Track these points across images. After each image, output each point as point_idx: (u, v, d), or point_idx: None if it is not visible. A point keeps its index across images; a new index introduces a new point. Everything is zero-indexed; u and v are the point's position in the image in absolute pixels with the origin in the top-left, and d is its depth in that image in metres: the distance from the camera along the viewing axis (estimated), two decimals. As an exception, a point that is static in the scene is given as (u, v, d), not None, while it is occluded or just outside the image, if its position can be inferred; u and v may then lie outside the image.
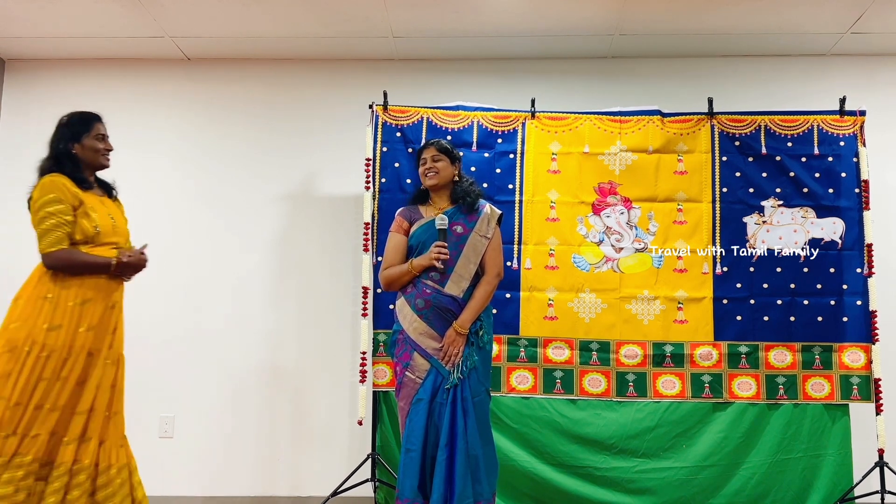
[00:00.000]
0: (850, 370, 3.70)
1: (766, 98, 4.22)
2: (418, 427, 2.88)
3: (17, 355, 2.70)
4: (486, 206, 3.10)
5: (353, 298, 4.07)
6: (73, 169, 2.91)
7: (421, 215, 3.10)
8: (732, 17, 3.97)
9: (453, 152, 3.13)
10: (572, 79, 4.40)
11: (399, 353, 3.00)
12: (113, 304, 2.86)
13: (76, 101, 4.42)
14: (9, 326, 2.77)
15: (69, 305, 2.76)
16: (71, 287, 2.78)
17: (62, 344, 2.73)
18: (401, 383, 2.98)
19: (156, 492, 4.12)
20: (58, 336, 2.73)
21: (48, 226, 2.80)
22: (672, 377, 3.74)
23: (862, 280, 3.74)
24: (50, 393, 2.69)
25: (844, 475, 3.62)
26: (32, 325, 2.73)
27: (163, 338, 4.21)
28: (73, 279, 2.78)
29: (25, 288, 2.83)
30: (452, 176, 3.11)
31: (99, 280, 2.82)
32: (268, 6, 3.90)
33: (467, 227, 3.03)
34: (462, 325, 2.92)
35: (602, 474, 3.64)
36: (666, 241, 3.83)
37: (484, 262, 3.03)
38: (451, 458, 2.84)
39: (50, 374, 2.70)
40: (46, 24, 4.10)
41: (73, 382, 2.73)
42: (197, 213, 4.34)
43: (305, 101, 4.40)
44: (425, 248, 2.99)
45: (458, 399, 2.88)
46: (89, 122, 3.00)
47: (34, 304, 2.76)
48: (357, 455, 3.86)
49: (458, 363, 2.91)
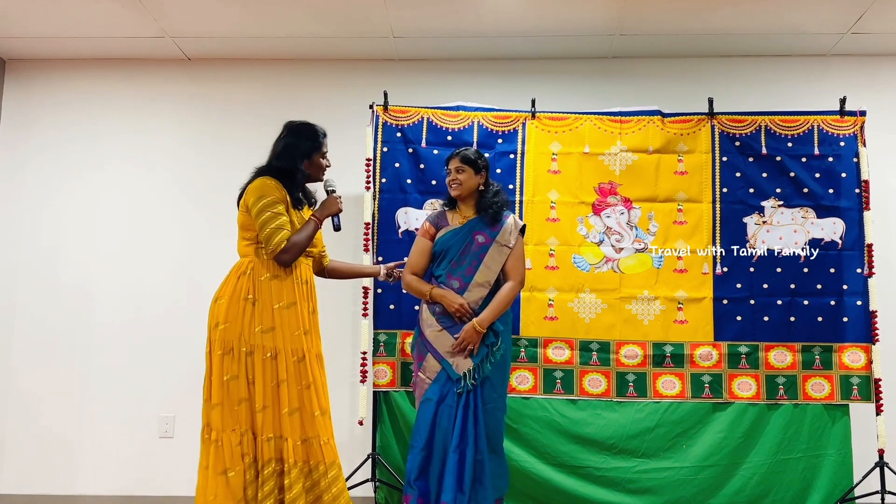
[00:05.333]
0: (851, 370, 3.70)
1: (767, 98, 4.22)
2: (423, 426, 2.99)
3: (237, 357, 2.75)
4: (509, 217, 3.19)
5: (354, 298, 4.07)
6: (294, 185, 2.92)
7: (447, 222, 3.20)
8: (732, 17, 3.97)
9: (478, 162, 3.18)
10: (572, 79, 4.39)
11: (416, 353, 3.16)
12: (313, 308, 2.94)
13: (76, 101, 4.47)
14: (217, 327, 2.80)
15: (275, 308, 2.80)
16: (272, 290, 2.82)
17: (285, 347, 2.79)
18: (414, 382, 3.17)
19: (156, 492, 4.14)
20: (274, 339, 2.78)
21: (278, 224, 2.81)
22: (672, 377, 3.74)
23: (862, 280, 3.74)
24: (290, 396, 2.77)
25: (844, 475, 3.62)
26: (242, 326, 2.77)
27: (163, 338, 4.22)
28: (270, 283, 2.82)
29: (225, 288, 2.86)
30: (478, 185, 3.18)
31: (299, 286, 2.88)
32: (268, 6, 3.90)
33: (489, 237, 3.12)
34: (481, 324, 3.01)
35: (602, 474, 3.64)
36: (666, 241, 3.83)
37: (506, 270, 3.12)
38: (461, 461, 2.92)
39: (286, 377, 2.77)
40: (46, 24, 4.10)
41: (305, 385, 2.81)
42: (197, 213, 4.34)
43: (305, 101, 4.40)
44: (449, 253, 3.11)
45: (471, 405, 2.97)
46: (316, 138, 2.99)
47: (238, 305, 2.79)
48: (357, 455, 3.86)
49: (470, 370, 2.96)
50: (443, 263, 3.12)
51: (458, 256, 3.10)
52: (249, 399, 2.75)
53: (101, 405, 4.19)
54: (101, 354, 4.23)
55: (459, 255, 3.10)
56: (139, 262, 4.31)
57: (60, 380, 4.22)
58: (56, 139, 4.43)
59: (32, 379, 4.23)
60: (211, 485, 2.70)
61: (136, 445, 4.16)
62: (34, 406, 4.20)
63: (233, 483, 2.67)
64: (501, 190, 3.23)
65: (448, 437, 2.94)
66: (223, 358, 2.76)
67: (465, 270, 3.08)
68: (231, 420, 2.72)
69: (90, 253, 4.32)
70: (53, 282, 4.30)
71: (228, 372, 2.75)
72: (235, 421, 2.72)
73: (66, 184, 4.39)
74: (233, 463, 2.69)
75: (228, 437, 2.72)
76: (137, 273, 4.30)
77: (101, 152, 4.42)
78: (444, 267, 3.11)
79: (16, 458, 4.18)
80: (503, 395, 3.09)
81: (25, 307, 4.30)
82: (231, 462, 2.69)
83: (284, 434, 2.74)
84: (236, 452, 2.70)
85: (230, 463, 2.69)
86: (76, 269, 4.31)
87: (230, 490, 2.67)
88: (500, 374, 3.06)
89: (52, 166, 4.41)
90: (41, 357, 4.24)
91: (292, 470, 2.72)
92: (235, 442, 2.71)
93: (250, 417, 2.74)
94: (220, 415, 2.73)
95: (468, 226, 3.14)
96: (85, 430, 4.18)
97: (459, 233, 3.13)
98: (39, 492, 4.13)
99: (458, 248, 3.10)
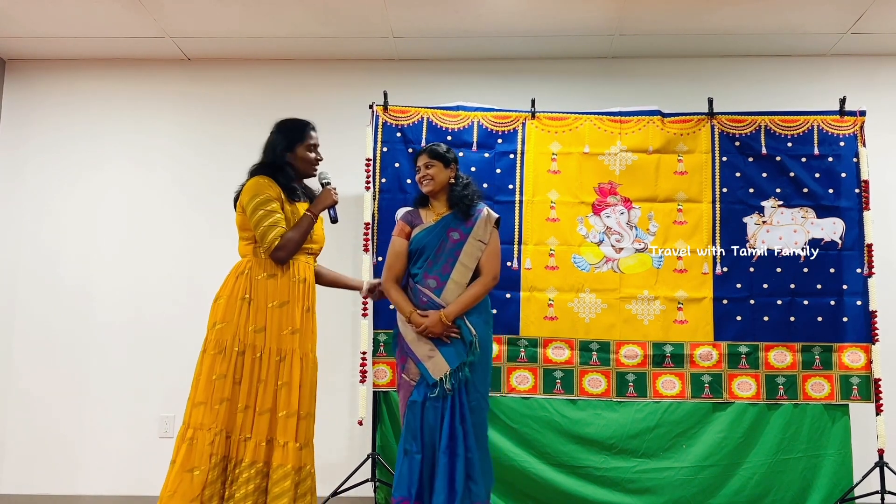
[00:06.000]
0: (850, 370, 3.70)
1: (766, 98, 4.21)
2: (413, 429, 2.96)
3: (228, 356, 2.77)
4: (483, 210, 3.11)
5: (354, 298, 4.07)
6: (285, 179, 2.93)
7: (421, 220, 3.13)
8: (732, 17, 3.97)
9: (446, 156, 3.12)
10: (572, 79, 4.40)
11: (398, 355, 3.10)
12: (308, 307, 2.91)
13: (76, 101, 4.47)
14: (214, 327, 2.83)
15: (269, 307, 2.81)
16: (267, 289, 2.83)
17: (269, 346, 2.79)
18: (399, 384, 3.09)
19: (156, 492, 4.11)
20: (265, 338, 2.79)
21: (271, 222, 2.82)
22: (672, 377, 3.74)
23: (862, 280, 3.74)
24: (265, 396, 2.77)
25: (844, 475, 3.62)
26: (237, 326, 2.79)
27: (163, 338, 4.22)
28: (266, 282, 2.83)
29: (224, 288, 2.88)
30: (448, 179, 3.12)
31: (294, 284, 2.87)
32: (268, 6, 3.90)
33: (464, 233, 3.05)
34: (448, 315, 2.96)
35: (602, 474, 3.64)
36: (666, 241, 3.83)
37: (480, 266, 3.06)
38: (451, 461, 2.90)
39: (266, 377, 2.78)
40: (46, 24, 4.10)
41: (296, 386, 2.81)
42: (197, 213, 4.34)
43: (305, 101, 4.39)
44: (425, 252, 3.05)
45: (456, 404, 2.94)
46: (303, 130, 3.00)
47: (234, 305, 2.82)
48: (357, 455, 3.86)
49: (447, 374, 2.93)
50: (419, 262, 3.06)
51: (434, 255, 3.04)
52: (232, 399, 2.76)
53: (102, 405, 4.20)
54: (102, 354, 4.24)
55: (435, 254, 3.04)
56: (139, 262, 4.31)
57: (60, 380, 4.22)
58: (56, 139, 4.43)
59: (33, 379, 4.23)
60: (174, 480, 2.73)
61: (136, 445, 4.16)
62: (34, 406, 4.21)
63: (196, 481, 2.70)
64: (472, 182, 3.16)
65: (435, 434, 2.92)
66: (215, 357, 2.78)
67: (441, 268, 3.04)
68: (209, 419, 2.74)
69: (90, 253, 4.33)
70: (54, 282, 4.30)
71: (217, 371, 2.77)
72: (213, 420, 2.74)
73: (66, 184, 4.39)
74: (200, 461, 2.72)
75: (203, 435, 2.74)
76: (137, 273, 4.30)
77: (101, 152, 4.42)
78: (421, 265, 3.06)
79: (16, 458, 4.18)
80: (485, 394, 3.05)
81: (26, 307, 4.30)
82: (199, 461, 2.72)
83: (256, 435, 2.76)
84: (205, 452, 2.72)
85: (198, 461, 2.72)
86: (76, 269, 4.31)
87: (191, 488, 2.69)
88: (481, 373, 3.02)
89: (52, 166, 4.41)
90: (41, 357, 4.24)
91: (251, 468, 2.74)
92: (207, 441, 2.73)
93: (227, 417, 2.75)
94: (200, 413, 2.76)
95: (442, 222, 3.08)
96: (85, 430, 4.18)
97: (434, 230, 3.07)
98: (39, 492, 4.13)
99: (434, 246, 3.04)
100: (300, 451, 2.80)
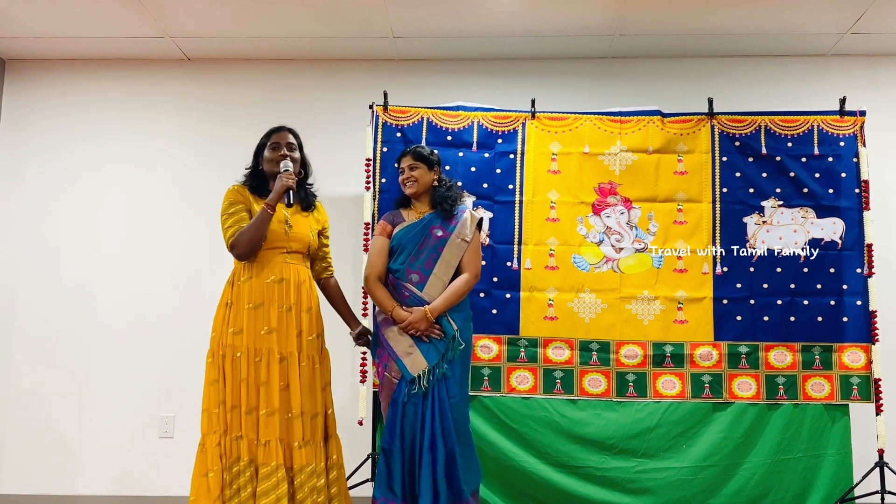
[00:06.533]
0: (850, 370, 3.70)
1: (766, 98, 4.22)
2: (393, 427, 2.98)
3: (216, 361, 2.88)
4: (465, 210, 3.17)
5: (354, 298, 4.05)
6: (259, 183, 3.06)
7: (403, 219, 3.18)
8: (732, 17, 3.97)
9: (430, 158, 3.19)
10: (572, 79, 4.40)
11: (380, 353, 3.12)
12: (290, 307, 2.93)
13: (76, 101, 4.47)
14: (212, 335, 2.95)
15: (246, 309, 2.89)
16: (243, 292, 2.91)
17: (247, 346, 2.86)
18: (381, 383, 3.10)
19: (156, 492, 4.14)
20: (242, 339, 2.87)
21: (228, 224, 2.93)
22: (672, 377, 3.74)
23: (862, 280, 3.74)
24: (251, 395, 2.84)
25: (844, 475, 3.62)
26: (220, 333, 2.90)
27: (163, 337, 4.22)
28: (244, 285, 2.91)
29: (220, 297, 3.00)
30: (432, 181, 3.18)
31: (269, 285, 2.92)
32: (268, 6, 3.90)
33: (447, 230, 3.11)
34: (433, 311, 3.00)
35: (602, 474, 3.64)
36: (666, 241, 3.83)
37: (462, 264, 3.11)
38: (434, 460, 2.92)
39: (247, 376, 2.84)
40: (46, 24, 4.10)
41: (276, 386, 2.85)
42: (197, 214, 4.34)
43: (305, 101, 4.40)
44: (406, 248, 3.09)
45: (436, 401, 2.96)
46: (268, 135, 3.10)
47: (221, 312, 2.94)
48: (357, 455, 3.86)
49: (425, 371, 2.96)
50: (400, 258, 3.10)
51: (416, 250, 3.09)
52: (224, 401, 2.87)
53: (102, 405, 4.20)
54: (102, 354, 4.24)
55: (417, 250, 3.09)
56: (139, 262, 4.31)
57: (61, 380, 4.22)
58: (56, 139, 4.43)
59: (33, 379, 4.23)
60: (193, 487, 2.84)
61: (136, 445, 4.16)
62: (34, 406, 4.21)
63: (211, 484, 2.79)
64: (455, 185, 3.23)
65: (416, 432, 2.94)
66: (210, 365, 2.91)
67: (423, 264, 3.08)
68: (215, 423, 2.85)
69: (90, 253, 4.33)
70: (54, 282, 4.30)
71: (210, 377, 2.90)
72: (217, 423, 2.85)
73: (66, 184, 4.39)
74: (212, 464, 2.81)
75: (211, 439, 2.84)
76: (137, 273, 4.30)
77: (101, 152, 4.42)
78: (403, 261, 3.09)
79: (16, 458, 4.18)
80: (465, 390, 3.09)
81: (26, 307, 4.30)
82: (211, 463, 2.81)
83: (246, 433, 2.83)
84: (215, 454, 2.82)
85: (210, 464, 2.81)
86: (76, 269, 4.31)
87: (209, 491, 2.79)
88: (460, 369, 3.05)
89: (52, 166, 4.41)
90: (41, 357, 4.24)
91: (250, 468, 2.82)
92: (215, 443, 2.83)
93: (225, 419, 2.85)
94: (206, 420, 2.88)
95: (425, 220, 3.13)
96: (85, 431, 4.18)
97: (416, 227, 3.12)
98: (39, 492, 4.13)
99: (416, 242, 3.09)
100: (301, 451, 2.85)
